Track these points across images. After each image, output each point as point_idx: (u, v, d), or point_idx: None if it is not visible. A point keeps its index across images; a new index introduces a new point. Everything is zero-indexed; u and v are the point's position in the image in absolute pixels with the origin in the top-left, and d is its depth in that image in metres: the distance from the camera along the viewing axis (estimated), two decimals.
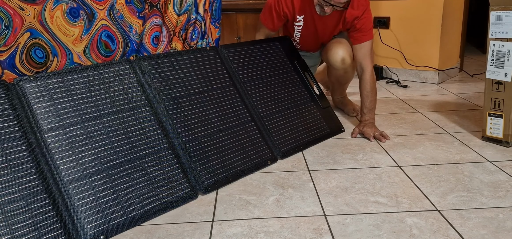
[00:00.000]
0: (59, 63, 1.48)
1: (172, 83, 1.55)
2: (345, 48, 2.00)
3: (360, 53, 1.91)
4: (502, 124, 1.71)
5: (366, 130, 1.85)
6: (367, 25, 1.89)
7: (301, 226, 1.20)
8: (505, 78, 1.67)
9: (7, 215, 1.07)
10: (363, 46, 1.90)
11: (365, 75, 1.89)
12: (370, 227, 1.18)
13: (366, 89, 1.89)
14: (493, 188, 1.37)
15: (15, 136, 1.18)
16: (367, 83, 1.88)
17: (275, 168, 1.59)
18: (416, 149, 1.70)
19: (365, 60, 1.89)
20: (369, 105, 1.89)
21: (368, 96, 1.89)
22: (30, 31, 1.38)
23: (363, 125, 1.88)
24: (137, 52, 1.70)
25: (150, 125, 1.41)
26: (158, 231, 1.20)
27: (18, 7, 1.34)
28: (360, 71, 1.91)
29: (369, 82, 1.88)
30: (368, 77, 1.88)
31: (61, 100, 1.29)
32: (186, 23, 1.86)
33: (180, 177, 1.38)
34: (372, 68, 1.91)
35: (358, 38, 1.91)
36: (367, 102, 1.89)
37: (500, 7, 1.63)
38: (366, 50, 1.90)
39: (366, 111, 1.90)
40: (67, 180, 1.19)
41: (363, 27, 1.88)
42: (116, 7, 1.59)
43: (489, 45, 1.69)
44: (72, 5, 1.47)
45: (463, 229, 1.15)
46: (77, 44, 1.51)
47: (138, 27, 1.68)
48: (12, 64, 1.37)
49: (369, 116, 1.89)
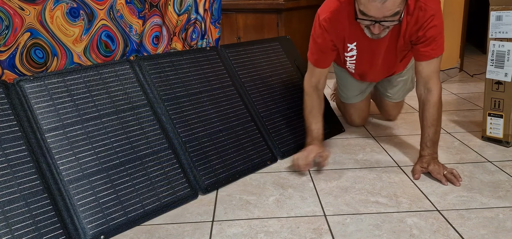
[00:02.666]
0: (59, 63, 1.48)
1: (172, 83, 1.55)
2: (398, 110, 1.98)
3: (426, 71, 1.48)
4: (502, 124, 1.71)
5: (433, 168, 1.43)
6: (435, 35, 1.44)
7: (301, 226, 1.20)
8: (505, 78, 1.67)
9: (7, 215, 1.07)
10: (431, 63, 1.47)
11: (431, 99, 1.47)
12: (370, 227, 1.18)
13: (431, 118, 1.47)
14: (493, 188, 1.37)
15: (15, 136, 1.18)
16: (434, 109, 1.47)
17: (275, 168, 1.59)
18: (416, 149, 1.70)
19: (432, 80, 1.47)
20: (434, 137, 1.48)
21: (433, 126, 1.47)
22: (30, 31, 1.38)
23: (427, 161, 1.46)
24: (137, 52, 1.70)
25: (150, 125, 1.41)
26: (158, 231, 1.20)
27: (18, 7, 1.34)
28: (424, 93, 1.49)
29: (437, 109, 1.47)
30: (436, 101, 1.47)
31: (61, 100, 1.29)
32: (186, 23, 1.86)
33: (180, 177, 1.38)
34: (440, 90, 1.49)
35: (424, 54, 1.47)
36: (432, 133, 1.48)
37: (500, 7, 1.63)
38: (434, 67, 1.47)
39: (430, 144, 1.48)
40: (67, 180, 1.19)
41: (431, 38, 1.44)
42: (116, 7, 1.59)
43: (489, 45, 1.69)
44: (72, 5, 1.47)
45: (463, 229, 1.15)
46: (77, 44, 1.51)
47: (138, 27, 1.68)
48: (12, 64, 1.37)
49: (433, 151, 1.49)
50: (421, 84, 1.50)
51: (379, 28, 1.34)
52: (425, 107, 1.49)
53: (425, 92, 1.49)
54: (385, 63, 1.67)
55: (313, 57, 1.61)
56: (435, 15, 1.42)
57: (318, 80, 1.62)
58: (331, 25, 1.51)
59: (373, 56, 1.62)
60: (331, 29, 1.52)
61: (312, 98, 1.62)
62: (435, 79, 1.48)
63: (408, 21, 1.44)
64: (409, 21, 1.44)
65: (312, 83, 1.63)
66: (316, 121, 1.60)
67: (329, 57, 1.61)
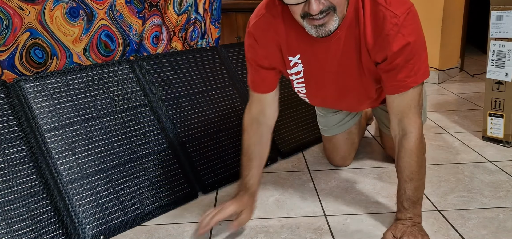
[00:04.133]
0: (58, 63, 1.48)
1: (171, 83, 1.55)
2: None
3: (398, 105, 1.07)
4: (502, 124, 1.71)
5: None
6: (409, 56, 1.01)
7: (301, 226, 1.20)
8: (506, 78, 1.66)
9: (7, 215, 1.07)
10: (405, 95, 1.06)
11: (407, 145, 1.07)
12: (371, 228, 1.18)
13: (408, 169, 1.07)
14: (494, 188, 1.37)
15: (14, 136, 1.18)
16: (411, 158, 1.06)
17: (275, 168, 1.58)
18: None
19: (408, 118, 1.07)
20: (413, 195, 1.08)
21: (411, 180, 1.08)
22: (30, 31, 1.38)
23: (402, 231, 1.06)
24: (136, 52, 1.70)
25: (149, 125, 1.41)
26: (158, 231, 1.20)
27: (18, 7, 1.34)
28: (399, 135, 1.09)
29: (416, 157, 1.07)
30: (413, 148, 1.06)
31: (61, 100, 1.29)
32: (186, 23, 1.86)
33: (180, 177, 1.37)
34: (420, 131, 1.07)
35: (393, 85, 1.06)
36: (410, 190, 1.08)
37: (500, 7, 1.63)
38: (410, 100, 1.06)
39: (408, 204, 1.09)
40: (66, 180, 1.18)
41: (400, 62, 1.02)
42: (115, 7, 1.59)
43: (490, 45, 1.68)
44: (71, 5, 1.47)
45: (463, 229, 1.15)
46: (77, 44, 1.51)
47: (138, 27, 1.68)
48: (11, 64, 1.37)
49: (413, 213, 1.09)
50: (394, 122, 1.10)
51: (318, 4, 0.92)
52: (400, 154, 1.08)
53: (399, 134, 1.09)
54: (351, 85, 1.18)
55: (249, 79, 1.21)
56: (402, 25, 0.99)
57: (259, 110, 1.20)
58: (262, 32, 1.12)
59: (325, 73, 1.16)
60: (262, 39, 1.13)
61: (249, 136, 1.20)
62: (412, 115, 1.06)
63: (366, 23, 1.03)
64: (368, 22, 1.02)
65: (252, 115, 1.21)
66: (250, 167, 1.19)
67: (268, 78, 1.18)
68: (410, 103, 1.06)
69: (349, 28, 1.05)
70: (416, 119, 1.07)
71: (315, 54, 1.12)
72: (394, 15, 0.99)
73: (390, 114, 1.11)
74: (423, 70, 1.05)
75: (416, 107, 1.07)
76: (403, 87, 1.05)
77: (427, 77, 1.07)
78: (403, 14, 0.99)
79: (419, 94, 1.07)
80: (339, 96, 1.25)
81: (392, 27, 0.99)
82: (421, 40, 1.04)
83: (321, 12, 0.94)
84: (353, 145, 1.56)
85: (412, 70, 1.03)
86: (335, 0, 0.95)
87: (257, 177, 1.20)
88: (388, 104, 1.10)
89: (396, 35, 1.00)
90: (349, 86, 1.19)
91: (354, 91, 1.22)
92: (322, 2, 0.94)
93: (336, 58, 1.12)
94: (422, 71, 1.05)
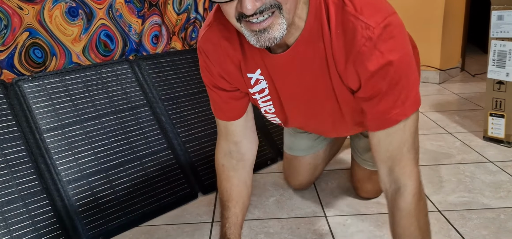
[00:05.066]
0: (57, 63, 1.47)
1: (171, 83, 1.55)
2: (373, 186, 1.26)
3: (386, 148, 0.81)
4: (503, 124, 1.70)
5: None
6: (394, 78, 0.76)
7: (301, 227, 1.19)
8: (507, 78, 1.66)
9: (6, 216, 1.06)
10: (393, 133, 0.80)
11: (401, 203, 0.81)
12: (371, 228, 1.17)
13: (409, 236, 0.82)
14: (495, 188, 1.36)
15: (13, 136, 1.17)
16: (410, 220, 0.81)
17: (275, 168, 1.58)
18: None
19: (400, 166, 0.81)
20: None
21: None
22: (29, 30, 1.38)
23: None
24: (136, 52, 1.69)
25: (149, 125, 1.41)
26: (157, 232, 1.20)
27: (17, 6, 1.34)
28: (391, 191, 0.83)
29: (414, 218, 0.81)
30: (409, 206, 0.80)
31: (60, 100, 1.29)
32: (185, 22, 1.86)
33: (179, 177, 1.37)
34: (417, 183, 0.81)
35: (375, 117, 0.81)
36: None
37: (501, 7, 1.62)
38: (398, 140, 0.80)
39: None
40: (66, 180, 1.18)
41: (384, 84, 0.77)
42: (115, 7, 1.59)
43: (491, 45, 1.68)
44: (71, 5, 1.47)
45: (464, 230, 1.14)
46: (76, 43, 1.50)
47: (137, 27, 1.67)
48: (10, 64, 1.36)
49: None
50: (382, 172, 0.84)
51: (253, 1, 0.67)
52: (395, 218, 0.82)
53: (391, 187, 0.83)
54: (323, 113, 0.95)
55: (211, 105, 1.00)
56: (378, 39, 0.74)
57: (232, 143, 0.99)
58: (213, 47, 0.89)
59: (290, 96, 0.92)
60: (214, 54, 0.90)
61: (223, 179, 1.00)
62: (406, 162, 0.80)
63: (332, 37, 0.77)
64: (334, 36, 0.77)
65: (223, 151, 1.00)
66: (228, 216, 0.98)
67: (232, 101, 0.95)
68: (401, 146, 0.79)
69: (309, 43, 0.79)
70: (412, 167, 0.80)
71: (275, 71, 0.87)
72: (366, 25, 0.73)
73: (377, 160, 0.84)
74: (413, 98, 0.78)
75: (410, 151, 0.80)
76: (388, 122, 0.78)
77: (418, 107, 0.80)
78: (379, 25, 0.73)
79: (413, 132, 0.80)
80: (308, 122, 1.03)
81: (365, 43, 0.74)
82: (407, 58, 0.77)
83: (261, 12, 0.69)
84: (315, 171, 1.34)
85: (398, 99, 0.77)
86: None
87: (237, 228, 0.97)
88: (373, 146, 0.83)
89: (371, 53, 0.74)
90: (319, 113, 0.95)
91: (327, 119, 0.97)
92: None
93: (299, 79, 0.86)
94: (412, 100, 0.78)
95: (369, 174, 1.26)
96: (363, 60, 0.75)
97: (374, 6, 0.76)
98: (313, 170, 1.34)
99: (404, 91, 0.77)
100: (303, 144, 1.29)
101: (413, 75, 0.79)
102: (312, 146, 1.30)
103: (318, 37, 0.79)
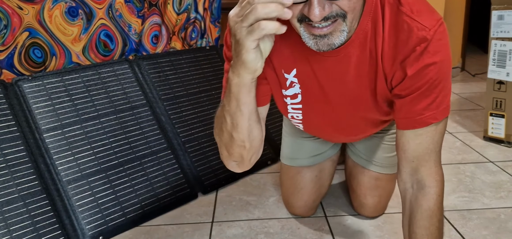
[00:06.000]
0: (57, 63, 1.47)
1: (171, 83, 1.54)
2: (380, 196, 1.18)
3: (414, 148, 0.83)
4: (504, 124, 1.70)
5: None
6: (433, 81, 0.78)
7: (301, 227, 1.19)
8: (507, 78, 1.66)
9: (6, 216, 1.06)
10: (423, 134, 0.81)
11: (424, 203, 0.82)
12: (371, 228, 1.17)
13: (428, 235, 0.82)
14: (495, 188, 1.36)
15: (13, 136, 1.17)
16: (432, 220, 0.82)
17: (275, 168, 1.58)
18: None
19: (426, 167, 0.83)
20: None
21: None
22: (29, 30, 1.38)
23: None
24: (136, 52, 1.69)
25: (149, 125, 1.41)
26: (157, 232, 1.20)
27: (17, 6, 1.33)
28: (413, 190, 0.84)
29: (436, 219, 0.83)
30: (433, 206, 0.82)
31: (60, 100, 1.29)
32: (185, 22, 1.85)
33: (179, 177, 1.37)
34: (442, 186, 0.84)
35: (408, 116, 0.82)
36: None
37: (502, 7, 1.62)
38: (429, 142, 0.82)
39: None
40: (65, 180, 1.18)
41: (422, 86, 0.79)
42: (115, 6, 1.58)
43: (491, 45, 1.68)
44: (71, 4, 1.46)
45: (464, 230, 1.14)
46: (76, 43, 1.50)
47: (137, 26, 1.67)
48: (10, 63, 1.36)
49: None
50: (405, 172, 0.85)
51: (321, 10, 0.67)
52: (415, 216, 0.83)
53: (413, 188, 0.84)
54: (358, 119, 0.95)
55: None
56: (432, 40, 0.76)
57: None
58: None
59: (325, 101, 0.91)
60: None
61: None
62: (433, 165, 0.83)
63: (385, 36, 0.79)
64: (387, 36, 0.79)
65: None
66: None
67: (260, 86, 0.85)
68: (429, 148, 0.81)
69: (364, 44, 0.80)
70: (438, 170, 0.83)
71: (314, 74, 0.85)
72: (422, 27, 0.76)
73: (401, 159, 0.84)
74: (446, 105, 0.81)
75: (437, 153, 0.83)
76: (419, 123, 0.80)
77: (448, 114, 0.82)
78: (433, 27, 0.77)
79: (442, 137, 0.83)
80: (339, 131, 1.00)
81: (420, 42, 0.76)
82: (449, 63, 0.80)
83: (325, 19, 0.69)
84: (321, 189, 1.21)
85: (434, 102, 0.79)
86: (346, 5, 0.69)
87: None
88: (400, 145, 0.84)
89: (423, 53, 0.77)
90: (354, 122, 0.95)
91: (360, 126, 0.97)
92: (328, 7, 0.68)
93: (342, 83, 0.86)
94: (445, 106, 0.80)
95: (374, 182, 1.18)
96: (414, 60, 0.78)
97: (428, 9, 0.80)
98: (318, 186, 1.20)
99: (440, 95, 0.79)
100: (307, 149, 1.18)
101: (450, 82, 0.82)
102: (317, 152, 1.18)
103: (371, 37, 0.80)
